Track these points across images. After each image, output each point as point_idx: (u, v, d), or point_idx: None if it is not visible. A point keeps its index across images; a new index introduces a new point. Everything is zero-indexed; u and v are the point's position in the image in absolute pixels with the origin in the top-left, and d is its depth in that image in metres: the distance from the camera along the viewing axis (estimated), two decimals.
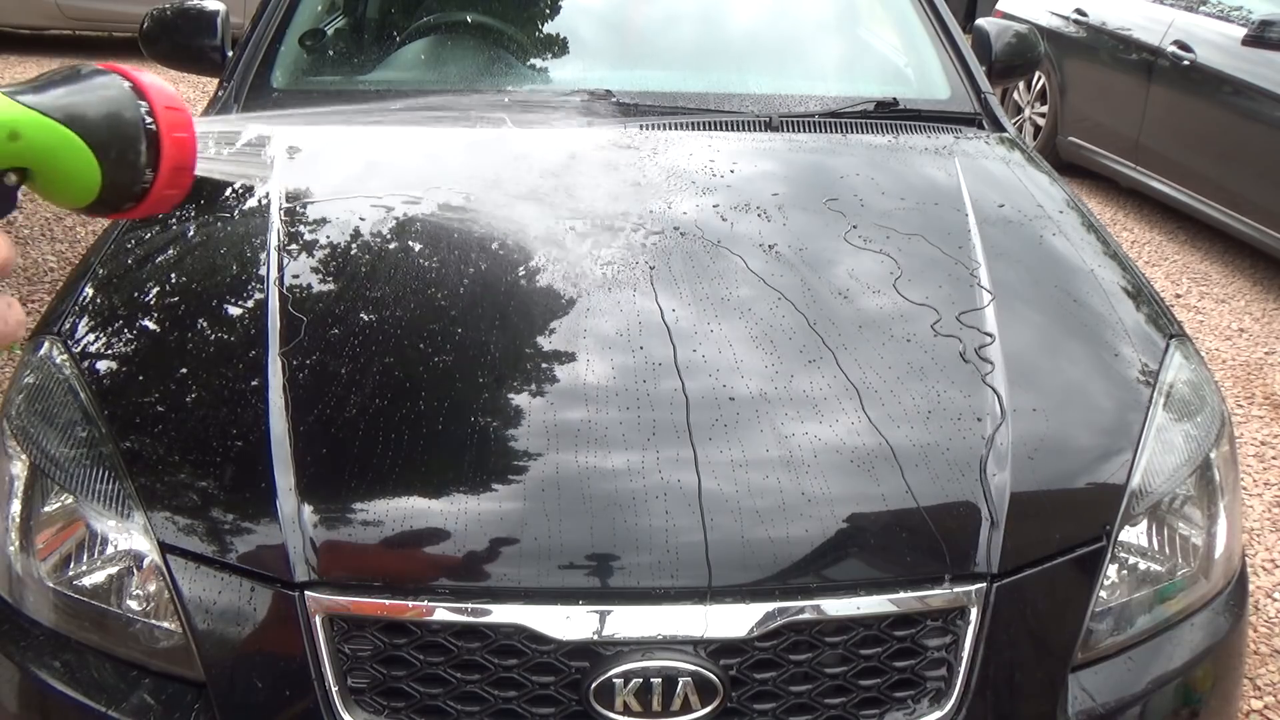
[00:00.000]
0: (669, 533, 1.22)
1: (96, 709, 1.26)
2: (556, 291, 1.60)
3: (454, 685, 1.21)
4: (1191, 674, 1.42)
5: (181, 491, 1.31)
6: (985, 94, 2.42)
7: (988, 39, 2.69)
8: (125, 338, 1.59)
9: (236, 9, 5.23)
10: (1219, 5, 5.28)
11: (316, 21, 2.58)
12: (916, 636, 1.25)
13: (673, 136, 2.10)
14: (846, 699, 1.24)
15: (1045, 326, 1.61)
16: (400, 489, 1.29)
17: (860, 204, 1.88)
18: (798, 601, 1.22)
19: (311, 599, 1.21)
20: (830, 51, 2.66)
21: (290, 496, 1.26)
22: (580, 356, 1.45)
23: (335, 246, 1.73)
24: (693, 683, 1.18)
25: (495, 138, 2.08)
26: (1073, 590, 1.33)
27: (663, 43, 2.61)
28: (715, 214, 1.81)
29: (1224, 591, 1.49)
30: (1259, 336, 4.34)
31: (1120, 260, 1.88)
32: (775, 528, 1.24)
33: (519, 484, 1.29)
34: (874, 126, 2.25)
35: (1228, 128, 4.96)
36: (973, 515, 1.30)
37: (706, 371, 1.42)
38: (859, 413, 1.38)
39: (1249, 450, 3.42)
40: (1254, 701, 2.36)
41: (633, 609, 1.20)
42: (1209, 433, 1.52)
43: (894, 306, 1.59)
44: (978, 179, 2.04)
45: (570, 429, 1.34)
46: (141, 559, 1.28)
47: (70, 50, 8.44)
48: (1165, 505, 1.43)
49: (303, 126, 2.14)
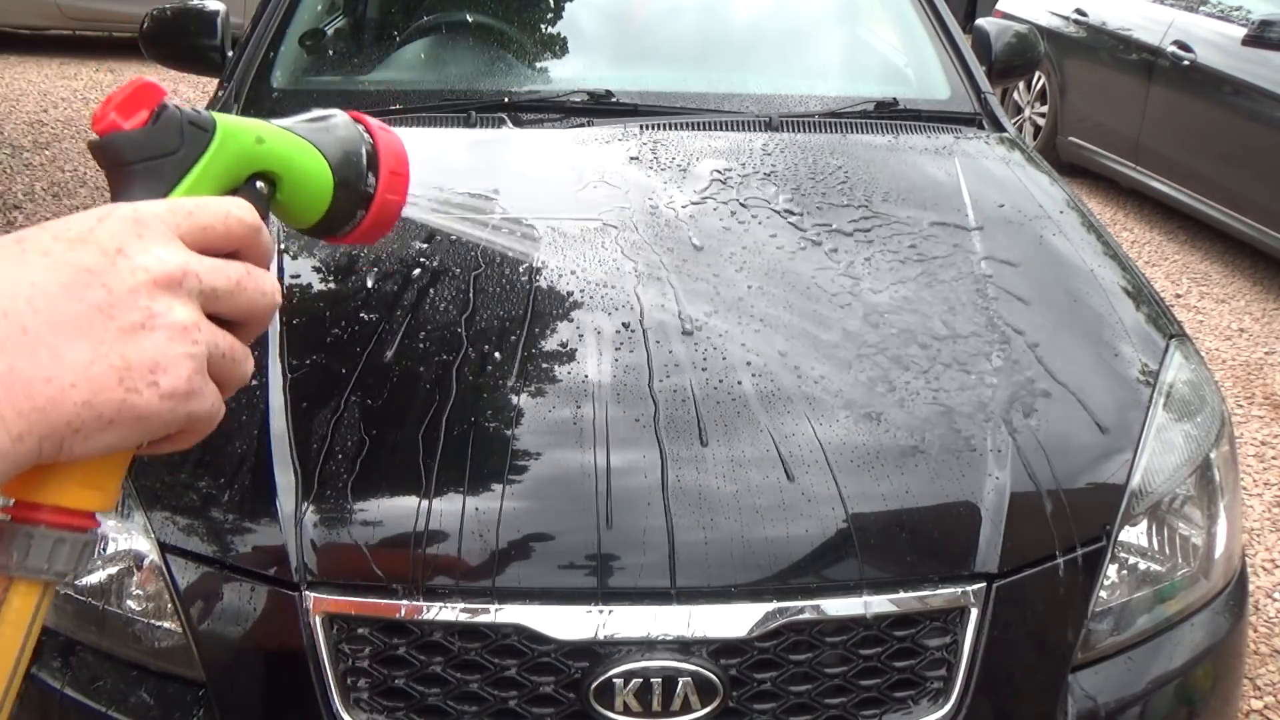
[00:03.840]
0: (669, 532, 1.22)
1: (96, 709, 1.26)
2: (557, 290, 1.60)
3: (453, 685, 1.21)
4: (1191, 674, 1.42)
5: (181, 491, 1.31)
6: (985, 94, 2.42)
7: (988, 39, 2.69)
8: None
9: (236, 9, 5.23)
10: (1219, 5, 5.28)
11: (316, 21, 2.58)
12: (916, 636, 1.25)
13: (672, 136, 2.10)
14: (846, 699, 1.24)
15: (1045, 326, 1.61)
16: (400, 489, 1.29)
17: (860, 204, 1.88)
18: (798, 601, 1.21)
19: (311, 599, 1.21)
20: (830, 51, 2.66)
21: (290, 496, 1.26)
22: (580, 355, 1.45)
23: (335, 246, 1.73)
24: (692, 683, 1.18)
25: (495, 138, 2.08)
26: (1073, 590, 1.33)
27: (663, 43, 2.61)
28: (713, 214, 1.81)
29: (1224, 591, 1.49)
30: (1259, 336, 4.34)
31: (1120, 260, 1.88)
32: (775, 528, 1.24)
33: (519, 484, 1.29)
34: (874, 126, 2.25)
35: (1228, 128, 4.96)
36: (973, 515, 1.30)
37: (706, 371, 1.42)
38: (859, 412, 1.38)
39: (1249, 450, 3.42)
40: (1254, 701, 2.36)
41: (633, 609, 1.20)
42: (1209, 433, 1.52)
43: (893, 306, 1.59)
44: (978, 179, 2.04)
45: (570, 428, 1.34)
46: (141, 559, 1.28)
47: (71, 50, 8.44)
48: (1165, 505, 1.43)
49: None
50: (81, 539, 0.48)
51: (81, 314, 0.45)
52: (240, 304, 0.50)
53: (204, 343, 0.48)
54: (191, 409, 0.48)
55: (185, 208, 0.50)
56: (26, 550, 0.46)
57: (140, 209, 0.48)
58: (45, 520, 0.47)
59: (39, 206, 4.93)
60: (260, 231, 0.53)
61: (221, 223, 0.51)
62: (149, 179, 0.53)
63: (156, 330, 0.46)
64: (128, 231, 0.47)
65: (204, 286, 0.48)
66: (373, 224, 0.65)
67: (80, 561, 0.48)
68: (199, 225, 0.50)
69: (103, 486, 0.49)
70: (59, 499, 0.47)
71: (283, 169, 0.59)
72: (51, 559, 0.47)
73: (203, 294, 0.48)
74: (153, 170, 0.53)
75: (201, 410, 0.48)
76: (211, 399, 0.49)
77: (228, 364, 0.50)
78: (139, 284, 0.46)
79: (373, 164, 0.64)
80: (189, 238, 0.49)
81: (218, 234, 0.51)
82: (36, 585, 0.47)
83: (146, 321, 0.46)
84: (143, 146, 0.53)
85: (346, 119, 0.65)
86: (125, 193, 0.53)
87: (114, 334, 0.45)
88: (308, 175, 0.61)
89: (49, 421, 0.44)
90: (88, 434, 0.45)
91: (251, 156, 0.57)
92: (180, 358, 0.47)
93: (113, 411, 0.45)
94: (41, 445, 0.44)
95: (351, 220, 0.64)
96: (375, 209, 0.64)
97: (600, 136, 2.09)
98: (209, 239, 0.50)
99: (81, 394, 0.44)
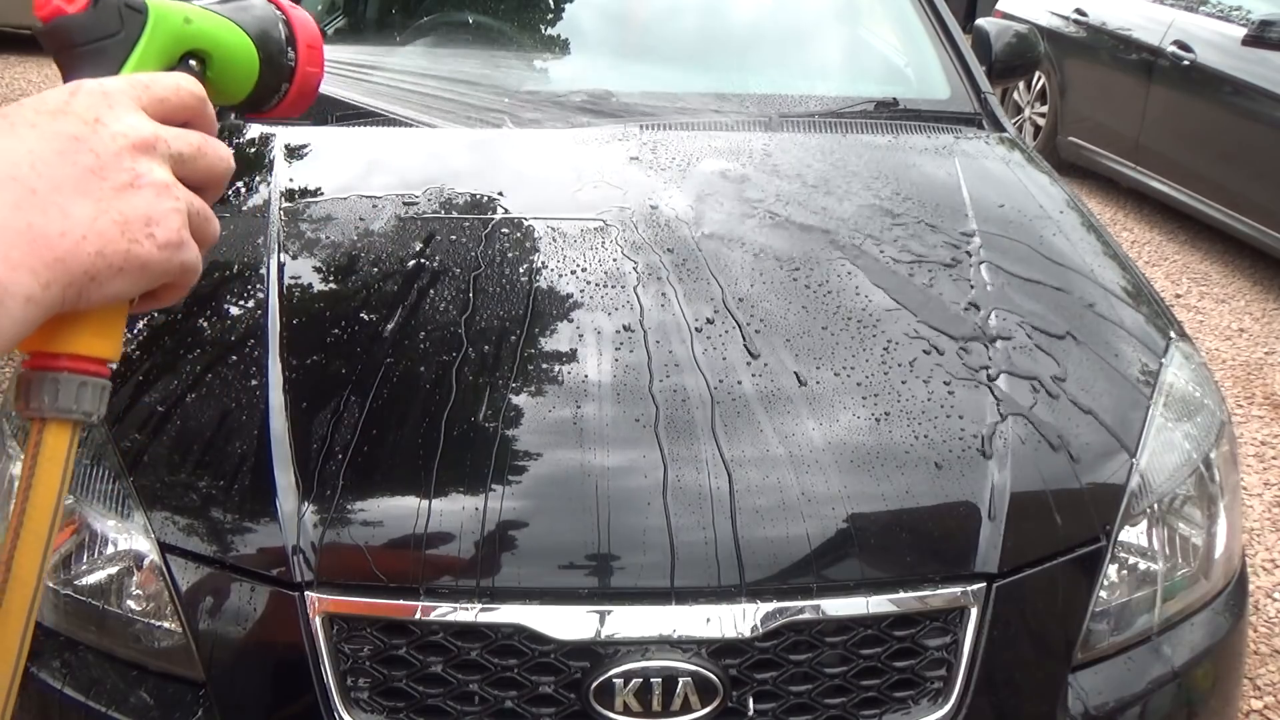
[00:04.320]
0: (669, 533, 1.22)
1: (96, 709, 1.26)
2: (557, 290, 1.60)
3: (454, 685, 1.21)
4: (1191, 674, 1.42)
5: (181, 491, 1.31)
6: (985, 94, 2.42)
7: (988, 39, 2.69)
8: (125, 337, 1.59)
9: None
10: (1219, 5, 5.28)
11: (316, 21, 2.58)
12: (916, 636, 1.25)
13: (672, 136, 2.10)
14: (846, 699, 1.24)
15: (1045, 327, 1.61)
16: (400, 489, 1.29)
17: (859, 204, 1.88)
18: (798, 601, 1.21)
19: (311, 599, 1.21)
20: (830, 51, 2.66)
21: (290, 496, 1.26)
22: (581, 355, 1.45)
23: (335, 246, 1.73)
24: (693, 683, 1.18)
25: (495, 138, 2.09)
26: (1073, 590, 1.33)
27: (663, 43, 2.61)
28: (713, 213, 1.81)
29: (1224, 591, 1.49)
30: (1259, 336, 4.34)
31: (1120, 260, 1.89)
32: (775, 528, 1.24)
33: (519, 483, 1.29)
34: (874, 126, 2.25)
35: (1228, 128, 4.96)
36: (973, 515, 1.30)
37: (706, 371, 1.42)
38: (859, 412, 1.38)
39: (1249, 450, 3.42)
40: (1254, 701, 2.36)
41: (633, 609, 1.20)
42: (1209, 433, 1.52)
43: (893, 306, 1.59)
44: (978, 179, 2.04)
45: (571, 428, 1.34)
46: (141, 559, 1.28)
47: None
48: (1165, 505, 1.43)
49: (303, 126, 2.14)
50: (100, 382, 0.53)
51: (78, 176, 0.49)
52: (202, 168, 0.55)
53: (183, 199, 0.53)
54: (183, 258, 0.53)
55: (142, 81, 0.54)
56: (56, 394, 0.52)
57: (105, 84, 0.53)
58: (66, 366, 0.52)
59: None
60: (206, 103, 0.57)
61: (175, 94, 0.55)
62: (98, 59, 0.57)
63: (143, 189, 0.51)
64: (100, 103, 0.51)
65: (173, 151, 0.53)
66: (297, 95, 0.70)
67: (102, 402, 0.53)
68: (157, 97, 0.54)
69: (109, 335, 0.54)
70: (75, 348, 0.52)
71: (211, 46, 0.63)
72: (79, 399, 0.52)
73: (172, 158, 0.53)
74: (100, 51, 0.57)
75: (190, 260, 0.53)
76: (194, 251, 0.54)
77: (201, 221, 0.55)
78: (121, 148, 0.50)
79: (290, 40, 0.69)
80: (150, 109, 0.53)
81: (173, 105, 0.55)
82: (67, 425, 0.52)
83: (134, 181, 0.50)
84: (89, 29, 0.57)
85: (261, 0, 0.69)
86: (77, 73, 0.56)
87: (109, 192, 0.50)
88: (234, 52, 0.65)
89: (69, 271, 0.48)
90: (102, 281, 0.49)
91: (182, 35, 0.61)
92: (168, 212, 0.51)
93: (121, 260, 0.50)
94: (65, 293, 0.48)
95: (277, 94, 0.69)
96: (298, 81, 0.69)
97: (600, 136, 2.09)
98: (166, 109, 0.54)
99: (93, 245, 0.49)
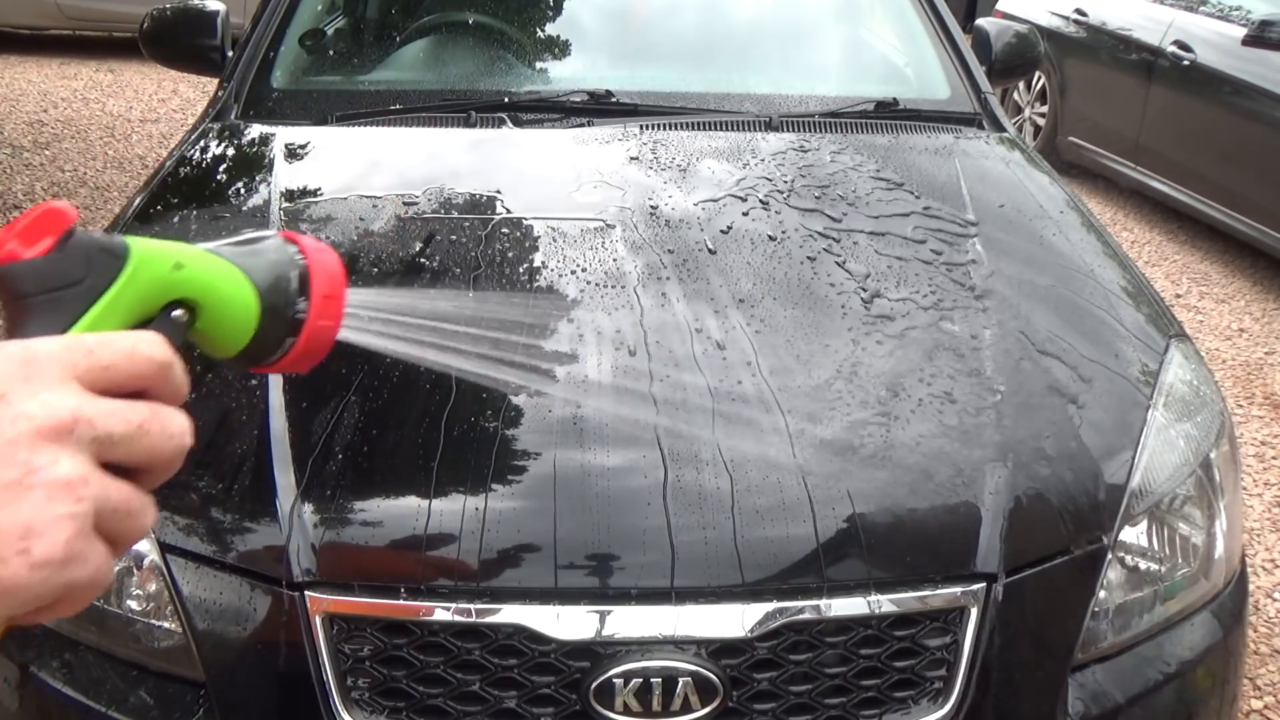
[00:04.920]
0: (669, 532, 1.22)
1: (96, 709, 1.26)
2: (557, 290, 1.60)
3: (454, 685, 1.21)
4: (1191, 674, 1.42)
5: (181, 491, 1.31)
6: (985, 94, 2.42)
7: (988, 39, 2.69)
8: None
9: (236, 9, 5.23)
10: (1219, 5, 5.28)
11: (316, 21, 2.58)
12: (916, 636, 1.25)
13: (672, 136, 2.10)
14: (846, 699, 1.24)
15: (1045, 326, 1.61)
16: (400, 489, 1.29)
17: (860, 204, 1.88)
18: (798, 601, 1.21)
19: (311, 599, 1.21)
20: (830, 51, 2.67)
21: (290, 496, 1.26)
22: (580, 356, 1.45)
23: (335, 246, 1.72)
24: (693, 683, 1.18)
25: (495, 137, 2.09)
26: (1073, 590, 1.33)
27: (663, 43, 2.61)
28: (714, 214, 1.81)
29: (1224, 591, 1.49)
30: (1259, 336, 4.34)
31: (1120, 260, 1.89)
32: (775, 527, 1.24)
33: (519, 484, 1.29)
34: (874, 126, 2.25)
35: (1228, 128, 4.96)
36: (973, 515, 1.30)
37: (706, 371, 1.42)
38: (859, 413, 1.37)
39: (1249, 450, 3.42)
40: (1254, 701, 2.36)
41: (633, 609, 1.20)
42: (1209, 433, 1.52)
43: (893, 307, 1.59)
44: (978, 179, 2.04)
45: (571, 428, 1.34)
46: (141, 559, 1.28)
47: (71, 50, 8.44)
48: (1165, 505, 1.43)
49: (303, 127, 2.14)
50: None
51: None
52: (141, 449, 0.46)
53: (90, 499, 0.43)
54: (69, 577, 0.42)
55: (85, 345, 0.45)
56: None
57: (32, 347, 0.44)
58: None
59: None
60: (171, 368, 0.48)
61: (126, 360, 0.46)
62: (49, 312, 0.49)
63: (34, 489, 0.41)
64: (14, 374, 0.43)
65: (98, 433, 0.44)
66: (303, 352, 0.60)
67: None
68: (100, 364, 0.45)
69: None
70: None
71: (203, 296, 0.55)
72: None
73: (96, 441, 0.44)
74: (54, 302, 0.49)
75: (81, 577, 0.43)
76: (96, 563, 0.43)
77: (120, 519, 0.44)
78: (19, 434, 0.42)
79: (304, 289, 0.59)
80: (87, 378, 0.45)
81: (121, 373, 0.46)
82: None
83: (24, 478, 0.41)
84: (44, 277, 0.49)
85: (278, 241, 0.60)
86: (22, 328, 0.48)
87: None
88: (231, 303, 0.56)
89: None
90: None
91: (168, 284, 0.53)
92: (59, 519, 0.41)
93: None
94: None
95: (279, 349, 0.59)
96: (306, 336, 0.59)
97: (600, 136, 2.09)
98: (111, 379, 0.46)
99: None
